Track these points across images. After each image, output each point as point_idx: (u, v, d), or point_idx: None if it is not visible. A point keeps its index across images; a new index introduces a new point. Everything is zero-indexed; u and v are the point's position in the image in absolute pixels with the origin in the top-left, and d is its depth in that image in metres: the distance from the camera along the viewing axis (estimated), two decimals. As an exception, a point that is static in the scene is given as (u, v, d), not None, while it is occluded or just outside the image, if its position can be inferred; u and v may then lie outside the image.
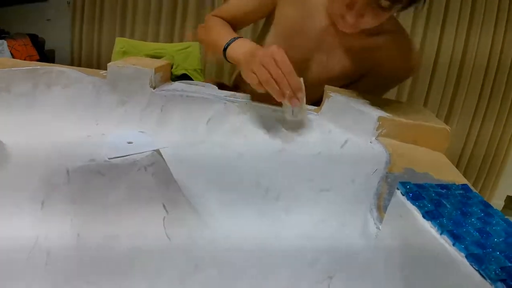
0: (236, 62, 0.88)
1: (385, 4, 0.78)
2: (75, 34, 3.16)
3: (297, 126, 0.81)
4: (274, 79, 0.73)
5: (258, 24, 1.25)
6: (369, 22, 0.85)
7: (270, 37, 1.08)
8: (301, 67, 1.02)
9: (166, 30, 2.96)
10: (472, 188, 0.45)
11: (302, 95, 0.75)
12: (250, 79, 0.77)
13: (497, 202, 3.12)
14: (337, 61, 1.01)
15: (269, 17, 1.11)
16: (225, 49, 0.91)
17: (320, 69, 1.04)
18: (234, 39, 0.91)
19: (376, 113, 0.72)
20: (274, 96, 0.74)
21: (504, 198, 3.14)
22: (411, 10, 0.84)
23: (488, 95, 2.82)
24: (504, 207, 3.15)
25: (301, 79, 0.76)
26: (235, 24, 1.10)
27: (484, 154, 2.97)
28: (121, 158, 0.47)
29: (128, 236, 0.47)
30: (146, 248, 0.47)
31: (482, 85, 2.80)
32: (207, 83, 1.07)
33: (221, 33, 0.98)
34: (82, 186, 0.47)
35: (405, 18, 2.59)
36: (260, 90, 0.76)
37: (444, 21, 2.68)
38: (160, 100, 0.85)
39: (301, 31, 1.00)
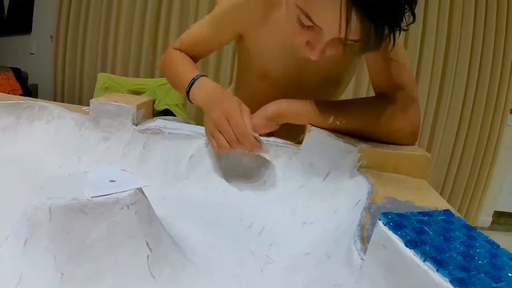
0: (198, 105, 0.89)
1: (348, 42, 0.70)
2: (57, 68, 3.17)
3: (279, 160, 0.82)
4: (228, 143, 0.75)
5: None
6: (333, 55, 0.77)
7: (253, 61, 1.07)
8: (296, 80, 1.03)
9: (146, 65, 2.99)
10: (454, 212, 0.45)
11: (258, 150, 0.77)
12: (211, 143, 0.79)
13: (485, 219, 3.15)
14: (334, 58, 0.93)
15: (239, 43, 1.09)
16: (188, 91, 0.90)
17: (318, 73, 1.01)
18: (194, 80, 0.90)
19: (356, 144, 0.73)
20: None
21: (492, 213, 3.16)
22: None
23: (470, 108, 2.87)
24: (492, 222, 3.18)
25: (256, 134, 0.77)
26: (196, 55, 1.08)
27: (469, 170, 3.01)
28: (104, 196, 0.47)
29: (113, 274, 0.47)
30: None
31: (464, 95, 2.85)
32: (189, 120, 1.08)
33: (182, 70, 0.97)
34: (65, 224, 0.46)
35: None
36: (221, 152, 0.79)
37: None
38: (142, 137, 0.85)
39: (284, 47, 0.98)
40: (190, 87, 0.89)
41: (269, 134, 0.86)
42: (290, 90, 1.02)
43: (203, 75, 0.91)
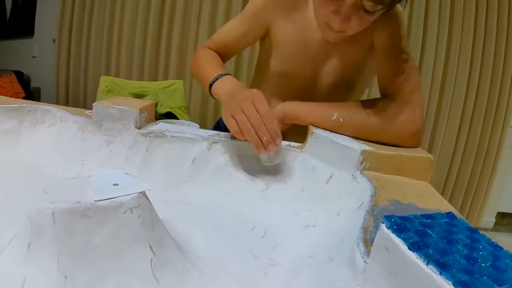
0: (219, 99, 0.90)
1: (367, 5, 0.76)
2: (60, 71, 3.17)
3: (280, 163, 0.82)
4: (252, 125, 0.74)
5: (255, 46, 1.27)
6: (355, 27, 0.84)
7: (273, 58, 1.09)
8: (312, 80, 1.05)
9: (150, 68, 2.99)
10: (457, 215, 0.45)
11: (279, 141, 0.76)
12: (230, 125, 0.78)
13: (488, 220, 3.13)
14: (345, 59, 1.01)
15: (263, 40, 1.12)
16: (210, 86, 0.93)
17: (333, 75, 1.04)
18: (220, 75, 0.93)
19: (359, 146, 0.73)
20: (254, 145, 0.75)
21: (495, 214, 3.15)
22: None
23: (472, 108, 2.86)
24: (495, 223, 3.16)
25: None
26: (226, 53, 1.13)
27: (471, 171, 3.00)
28: (107, 200, 0.47)
29: (116, 278, 0.47)
30: (134, 291, 0.47)
31: (466, 95, 2.85)
32: (192, 122, 1.08)
33: (208, 68, 1.00)
34: (68, 228, 0.46)
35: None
36: (240, 138, 0.77)
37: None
38: (145, 141, 0.85)
39: (304, 45, 1.01)
40: (213, 83, 0.94)
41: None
42: (306, 90, 1.06)
43: (227, 74, 0.95)
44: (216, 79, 0.93)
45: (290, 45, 1.03)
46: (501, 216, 3.22)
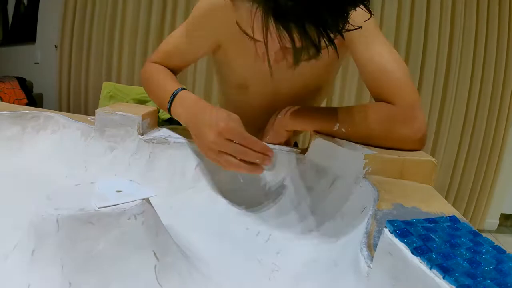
0: (180, 121, 0.85)
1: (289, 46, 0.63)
2: (62, 77, 3.18)
3: (284, 167, 0.82)
4: (239, 159, 0.70)
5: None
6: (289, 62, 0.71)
7: (229, 73, 1.04)
8: (279, 89, 1.02)
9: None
10: (460, 218, 0.45)
11: (272, 153, 0.73)
12: (218, 163, 0.74)
13: (492, 221, 3.12)
14: (307, 69, 0.90)
15: (215, 54, 1.04)
16: (170, 107, 0.87)
17: (299, 81, 0.99)
18: (174, 95, 0.86)
19: (362, 151, 0.73)
20: (252, 172, 0.72)
21: (499, 216, 3.14)
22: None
23: (474, 109, 2.85)
24: (499, 225, 3.15)
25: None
26: (175, 68, 1.02)
27: (474, 172, 2.99)
28: (111, 207, 0.47)
29: (120, 284, 0.47)
30: (138, 297, 0.47)
31: (468, 96, 2.84)
32: None
33: (159, 88, 0.93)
34: (72, 235, 0.46)
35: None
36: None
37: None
38: (148, 147, 0.85)
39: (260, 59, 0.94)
40: (171, 104, 0.86)
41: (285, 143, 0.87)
42: (271, 98, 1.03)
43: (182, 88, 0.87)
44: (173, 97, 0.86)
45: (249, 56, 0.88)
46: (505, 217, 3.21)
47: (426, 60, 2.82)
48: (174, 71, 1.02)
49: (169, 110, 0.87)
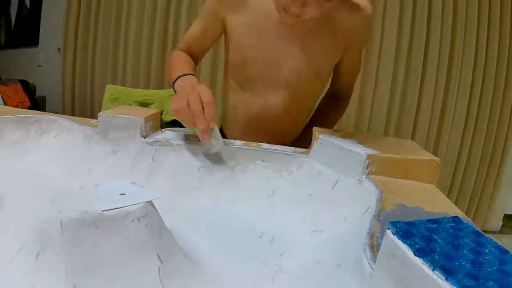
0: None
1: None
2: (65, 80, 3.17)
3: (287, 169, 0.82)
4: (190, 107, 0.79)
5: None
6: (312, 12, 0.84)
7: (231, 51, 1.09)
8: (274, 65, 1.05)
9: (157, 77, 2.99)
10: (463, 218, 0.45)
11: (214, 126, 0.80)
12: (172, 105, 0.83)
13: (496, 222, 3.10)
14: (309, 48, 1.02)
15: (225, 39, 1.13)
16: (174, 83, 0.97)
17: (299, 62, 1.04)
18: (183, 75, 0.97)
19: (364, 151, 0.73)
20: (187, 122, 0.81)
21: (502, 217, 3.12)
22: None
23: (476, 108, 2.84)
24: (503, 226, 3.13)
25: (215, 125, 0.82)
26: (195, 52, 1.15)
27: (477, 173, 2.97)
28: (114, 210, 0.48)
29: (124, 287, 0.47)
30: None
31: (470, 95, 2.83)
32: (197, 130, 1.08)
33: (176, 69, 1.02)
34: (76, 238, 0.47)
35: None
36: (176, 117, 0.84)
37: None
38: (151, 149, 0.86)
39: (257, 30, 1.01)
40: (175, 81, 0.97)
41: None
42: (270, 77, 1.06)
43: (191, 74, 0.98)
44: (179, 77, 0.97)
45: (243, 31, 1.03)
46: (508, 218, 3.19)
47: (428, 60, 2.81)
48: (194, 57, 1.14)
49: (174, 85, 0.98)
